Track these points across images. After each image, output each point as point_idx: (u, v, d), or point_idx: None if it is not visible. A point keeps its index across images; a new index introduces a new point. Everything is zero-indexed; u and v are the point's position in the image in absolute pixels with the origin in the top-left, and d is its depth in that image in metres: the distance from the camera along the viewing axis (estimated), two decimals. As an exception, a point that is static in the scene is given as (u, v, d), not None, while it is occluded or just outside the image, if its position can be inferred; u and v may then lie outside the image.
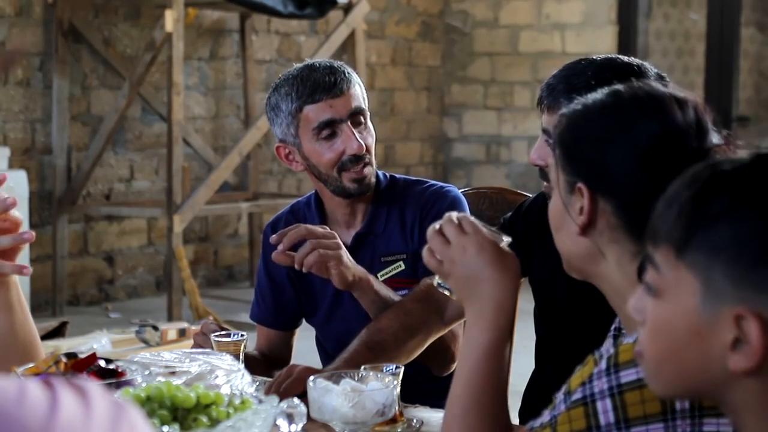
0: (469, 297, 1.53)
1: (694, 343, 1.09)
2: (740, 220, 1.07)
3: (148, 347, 4.36)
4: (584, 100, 1.49)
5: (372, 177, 2.35)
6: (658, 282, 1.12)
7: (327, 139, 2.31)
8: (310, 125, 2.31)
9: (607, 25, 7.96)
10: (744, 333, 1.04)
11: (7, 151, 5.89)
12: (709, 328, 1.07)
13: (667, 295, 1.11)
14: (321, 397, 1.72)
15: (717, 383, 1.09)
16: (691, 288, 1.08)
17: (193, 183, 6.52)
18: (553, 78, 2.03)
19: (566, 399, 1.38)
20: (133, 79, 6.25)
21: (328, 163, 2.32)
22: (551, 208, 1.52)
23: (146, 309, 6.43)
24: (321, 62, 2.36)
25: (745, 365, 1.05)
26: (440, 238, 1.55)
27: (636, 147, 1.41)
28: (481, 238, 1.52)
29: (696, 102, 1.45)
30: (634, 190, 1.39)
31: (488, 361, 1.50)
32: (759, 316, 1.03)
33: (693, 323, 1.09)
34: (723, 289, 1.06)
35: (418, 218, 2.37)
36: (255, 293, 2.51)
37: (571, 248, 1.48)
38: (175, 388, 1.59)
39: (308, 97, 2.29)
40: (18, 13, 6.15)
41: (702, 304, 1.07)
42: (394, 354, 2.07)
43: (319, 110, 2.29)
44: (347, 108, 2.30)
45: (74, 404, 0.79)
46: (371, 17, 7.73)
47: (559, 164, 1.48)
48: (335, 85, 2.29)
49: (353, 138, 2.29)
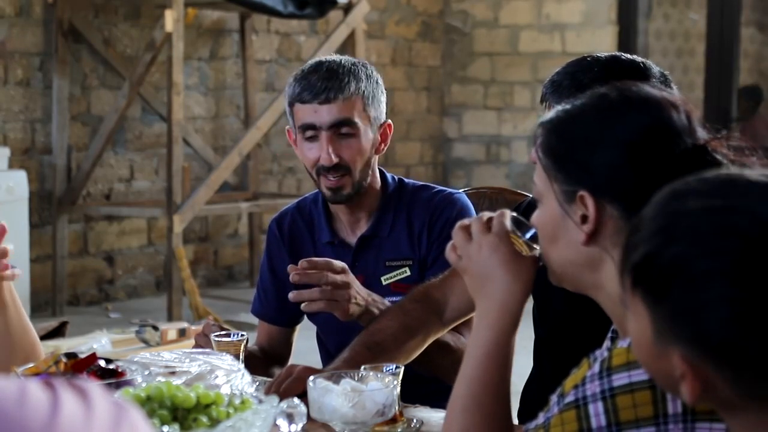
0: (479, 295, 1.54)
1: (659, 367, 1.14)
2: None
3: (148, 347, 4.36)
4: (565, 107, 1.48)
5: (350, 188, 2.32)
6: (628, 304, 1.16)
7: (309, 140, 2.32)
8: (298, 122, 2.33)
9: (607, 25, 7.96)
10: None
11: (7, 151, 5.89)
12: (663, 362, 1.11)
13: (632, 318, 1.16)
14: (321, 397, 1.72)
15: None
16: (644, 317, 1.12)
17: (193, 183, 6.52)
18: (558, 75, 2.02)
19: (559, 401, 1.38)
20: (133, 79, 6.25)
21: (309, 162, 2.33)
22: (541, 220, 1.50)
23: (146, 309, 6.43)
24: (331, 63, 2.32)
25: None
26: (464, 233, 1.56)
27: (633, 145, 1.40)
28: (499, 240, 1.52)
29: (685, 102, 1.45)
30: (641, 188, 1.36)
31: (490, 360, 1.50)
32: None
33: (652, 351, 1.13)
34: (666, 327, 1.10)
35: (426, 225, 2.36)
36: (257, 288, 2.50)
37: (570, 258, 1.46)
38: (175, 388, 1.59)
39: (298, 96, 2.30)
40: (18, 13, 6.15)
41: (654, 338, 1.12)
42: (393, 354, 2.07)
43: (305, 111, 2.30)
44: (330, 117, 2.28)
45: (75, 405, 0.79)
46: (371, 17, 7.73)
47: (551, 174, 1.46)
48: (323, 91, 2.27)
49: (325, 149, 2.28)
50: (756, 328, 1.03)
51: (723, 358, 1.05)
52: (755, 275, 1.03)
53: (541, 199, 1.50)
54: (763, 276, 1.03)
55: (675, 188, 1.13)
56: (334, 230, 2.41)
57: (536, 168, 1.50)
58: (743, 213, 1.06)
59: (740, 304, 1.03)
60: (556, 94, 1.98)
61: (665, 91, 1.46)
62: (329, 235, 2.40)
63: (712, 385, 1.06)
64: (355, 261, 2.38)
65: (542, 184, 1.48)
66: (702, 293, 1.05)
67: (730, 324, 1.03)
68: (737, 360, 1.04)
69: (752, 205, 1.07)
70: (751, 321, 1.03)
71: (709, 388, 1.07)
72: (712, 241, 1.06)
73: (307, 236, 2.43)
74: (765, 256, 1.04)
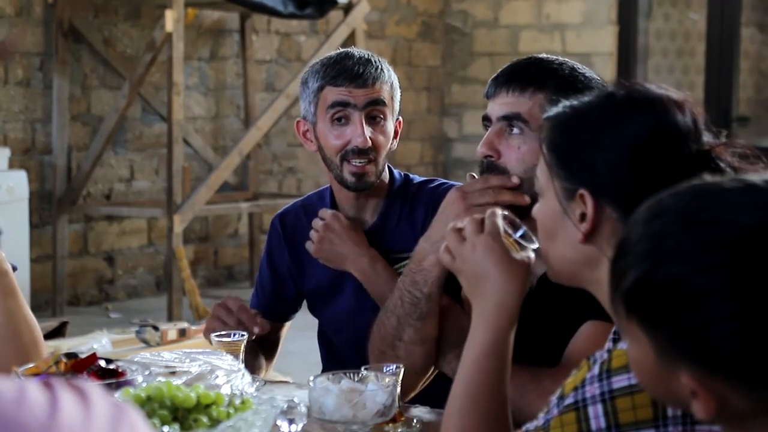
0: (474, 295, 1.54)
1: (665, 390, 1.12)
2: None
3: (148, 347, 4.35)
4: (572, 102, 1.48)
5: (374, 176, 2.33)
6: (622, 331, 1.17)
7: (338, 123, 2.31)
8: (326, 104, 2.32)
9: (607, 25, 7.96)
10: None
11: (7, 151, 5.89)
12: (669, 385, 1.10)
13: (630, 343, 1.15)
14: (321, 397, 1.72)
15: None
16: (645, 345, 1.11)
17: (193, 183, 6.52)
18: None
19: (559, 403, 1.37)
20: (133, 79, 6.25)
21: (334, 149, 2.32)
22: (541, 214, 1.50)
23: (146, 309, 6.43)
24: (361, 52, 2.37)
25: None
26: (457, 235, 1.56)
27: (636, 148, 1.40)
28: (492, 240, 1.53)
29: (692, 103, 1.44)
30: (641, 192, 1.32)
31: (487, 360, 1.50)
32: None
33: (655, 375, 1.11)
34: (672, 352, 1.08)
35: (429, 217, 2.37)
36: (255, 283, 2.53)
37: (568, 255, 1.46)
38: (175, 388, 1.59)
39: (332, 79, 2.31)
40: (18, 13, 6.15)
41: (658, 363, 1.10)
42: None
43: (338, 93, 2.31)
44: (365, 98, 2.30)
45: (74, 406, 0.79)
46: (371, 17, 7.73)
47: (553, 170, 1.46)
48: (361, 75, 2.30)
49: (360, 130, 2.29)
50: (762, 337, 1.02)
51: (734, 372, 1.04)
52: (751, 285, 1.02)
53: (542, 194, 1.50)
54: (759, 284, 1.02)
55: (651, 207, 1.12)
56: None
57: (539, 162, 1.50)
58: (725, 224, 1.05)
59: (742, 315, 1.02)
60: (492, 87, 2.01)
61: (672, 91, 1.45)
62: None
63: (725, 400, 1.05)
64: None
65: (543, 177, 1.49)
66: (702, 312, 1.04)
67: (735, 337, 1.03)
68: (748, 371, 1.03)
69: (732, 214, 1.06)
70: (755, 331, 1.02)
71: (723, 402, 1.06)
72: (700, 257, 1.05)
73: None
74: (756, 264, 1.03)
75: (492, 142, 1.98)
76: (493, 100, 2.00)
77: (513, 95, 1.96)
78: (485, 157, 1.99)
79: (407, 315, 1.96)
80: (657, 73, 9.38)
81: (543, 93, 1.94)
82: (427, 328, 1.95)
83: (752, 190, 1.08)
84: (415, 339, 1.96)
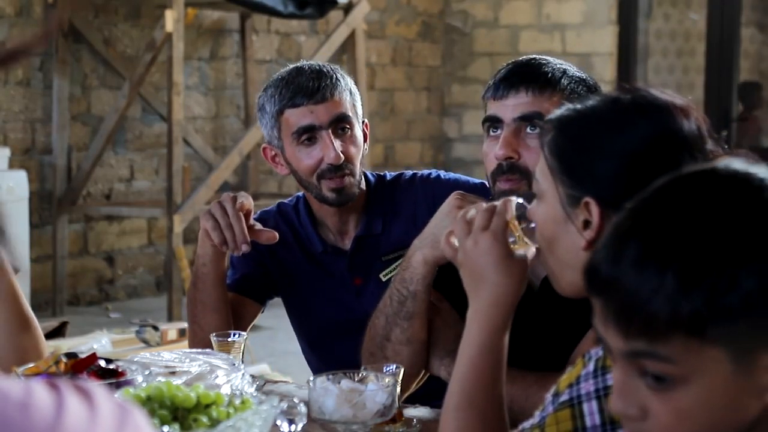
0: (472, 293, 1.54)
1: (732, 408, 1.01)
2: (750, 272, 0.98)
3: (148, 347, 4.36)
4: (576, 106, 1.46)
5: (353, 187, 2.30)
6: (677, 372, 1.00)
7: (306, 144, 2.28)
8: (290, 129, 2.29)
9: (607, 25, 7.96)
10: None
11: (7, 151, 5.89)
12: (744, 385, 1.00)
13: (693, 380, 1.00)
14: (321, 397, 1.72)
15: (753, 421, 1.03)
16: (720, 360, 0.99)
17: (193, 183, 6.52)
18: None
19: (554, 400, 1.37)
20: (133, 79, 6.25)
21: (307, 170, 2.29)
22: (542, 218, 1.48)
23: (146, 309, 6.43)
24: (311, 65, 2.32)
25: None
26: (465, 225, 1.55)
27: (639, 155, 1.38)
28: (494, 239, 1.51)
29: (695, 109, 1.43)
30: None
31: (482, 359, 1.50)
32: None
33: (730, 390, 1.00)
34: (751, 343, 0.99)
35: (417, 206, 2.33)
36: (230, 261, 2.39)
37: (569, 261, 1.45)
38: (175, 388, 1.59)
39: (289, 101, 2.27)
40: (18, 13, 6.16)
41: (735, 369, 0.99)
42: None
43: (300, 115, 2.27)
44: (329, 115, 2.26)
45: (80, 407, 0.79)
46: (371, 17, 7.73)
47: (557, 175, 1.44)
48: (318, 90, 2.25)
49: (331, 147, 2.26)
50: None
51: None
52: None
53: (542, 196, 1.48)
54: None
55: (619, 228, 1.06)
56: (322, 238, 2.39)
57: (539, 163, 1.49)
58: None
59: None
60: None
61: (677, 97, 1.44)
62: (320, 245, 2.38)
63: None
64: (351, 265, 2.37)
65: (545, 181, 1.47)
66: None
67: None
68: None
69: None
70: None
71: None
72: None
73: (293, 243, 2.39)
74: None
75: (511, 144, 1.95)
76: (502, 101, 1.98)
77: (530, 95, 1.94)
78: (506, 159, 1.96)
79: (395, 314, 1.94)
80: (657, 73, 9.38)
81: (559, 93, 1.93)
82: (413, 329, 1.93)
83: None
84: (401, 339, 1.94)
